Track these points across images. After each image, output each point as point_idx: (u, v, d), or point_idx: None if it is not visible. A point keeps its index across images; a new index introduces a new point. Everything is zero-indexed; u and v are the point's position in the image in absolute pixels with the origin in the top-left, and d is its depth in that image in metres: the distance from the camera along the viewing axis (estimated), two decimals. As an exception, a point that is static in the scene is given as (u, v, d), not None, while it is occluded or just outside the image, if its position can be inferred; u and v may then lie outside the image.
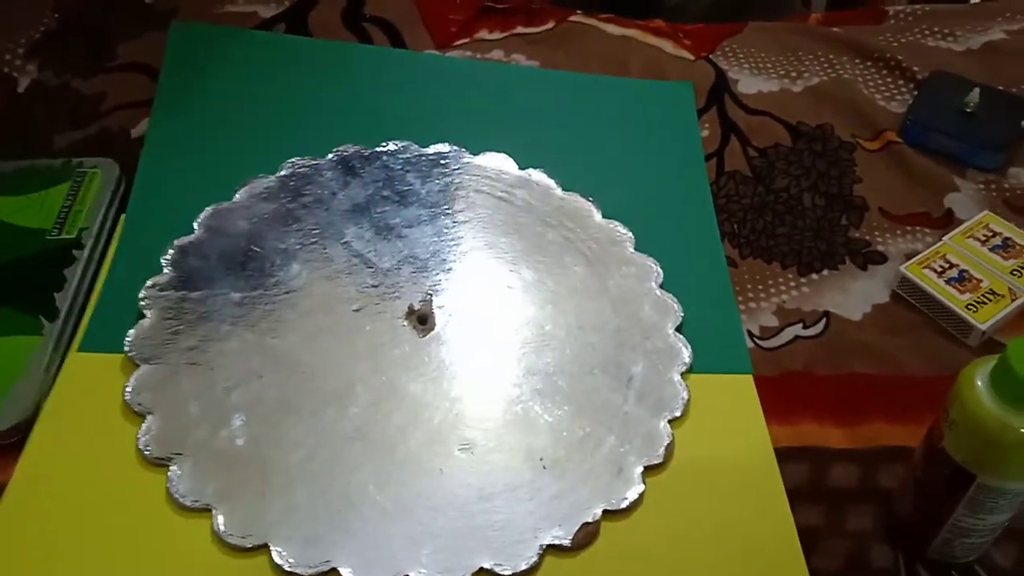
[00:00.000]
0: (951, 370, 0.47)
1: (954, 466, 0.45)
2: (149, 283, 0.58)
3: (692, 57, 0.78)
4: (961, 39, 0.81)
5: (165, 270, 0.59)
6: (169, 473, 0.50)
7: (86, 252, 0.59)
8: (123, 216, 0.62)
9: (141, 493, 0.50)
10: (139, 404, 0.53)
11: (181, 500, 0.49)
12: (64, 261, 0.58)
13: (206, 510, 0.49)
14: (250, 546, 0.48)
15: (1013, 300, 0.60)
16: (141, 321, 0.56)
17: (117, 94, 0.70)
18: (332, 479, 0.51)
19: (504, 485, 0.51)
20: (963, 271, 0.62)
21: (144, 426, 0.52)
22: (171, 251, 0.59)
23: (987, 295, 0.60)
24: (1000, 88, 0.76)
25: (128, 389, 0.53)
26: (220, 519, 0.49)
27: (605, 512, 0.50)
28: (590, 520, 0.50)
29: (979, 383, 0.44)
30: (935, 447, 0.46)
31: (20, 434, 0.52)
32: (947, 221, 0.67)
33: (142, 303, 0.57)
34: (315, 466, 0.51)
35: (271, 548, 0.48)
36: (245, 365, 0.55)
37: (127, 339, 0.55)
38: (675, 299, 0.60)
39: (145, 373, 0.54)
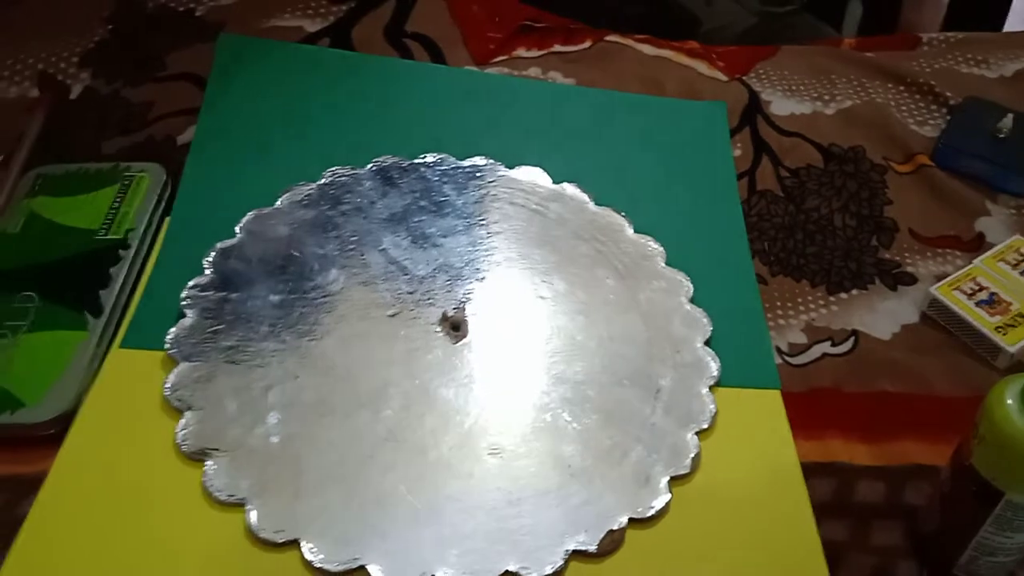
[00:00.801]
0: (980, 391, 0.47)
1: (982, 483, 0.45)
2: (191, 283, 0.59)
3: (726, 78, 0.79)
4: (994, 66, 0.82)
5: (207, 271, 0.60)
6: (205, 468, 0.51)
7: (131, 252, 0.61)
8: (168, 218, 0.64)
9: (177, 487, 0.51)
10: (178, 400, 0.54)
11: (216, 495, 0.50)
12: (110, 260, 0.60)
13: (240, 505, 0.50)
14: (281, 541, 0.49)
15: (1044, 324, 0.60)
16: (182, 320, 0.58)
17: (165, 102, 0.72)
18: (364, 479, 0.52)
19: (532, 491, 0.52)
20: (993, 294, 0.62)
21: (182, 421, 0.53)
22: (213, 253, 0.61)
23: (1017, 318, 0.60)
24: (1033, 115, 0.76)
25: (168, 385, 0.54)
26: (253, 514, 0.50)
27: (631, 520, 0.51)
28: (615, 528, 0.50)
29: (1009, 400, 0.44)
30: (963, 464, 0.46)
31: (61, 426, 0.53)
32: (977, 244, 0.67)
33: (183, 303, 0.58)
34: (348, 466, 0.52)
35: (302, 544, 0.49)
36: (282, 366, 0.56)
37: (168, 337, 0.56)
38: (705, 314, 0.61)
39: (185, 370, 0.55)
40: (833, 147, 0.73)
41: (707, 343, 0.59)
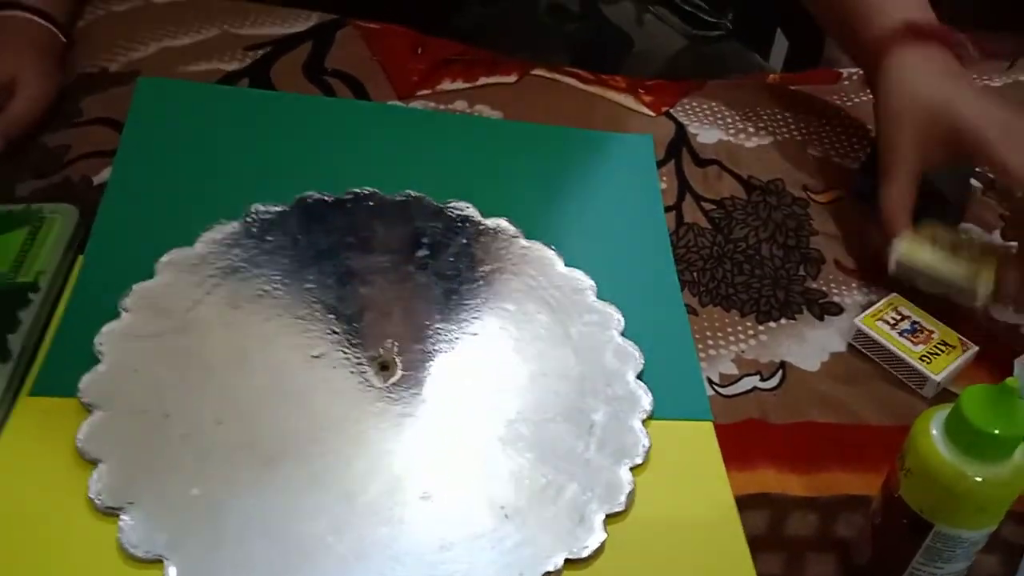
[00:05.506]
0: (907, 420, 0.48)
1: (911, 515, 0.45)
2: (106, 327, 0.57)
3: (652, 113, 0.80)
4: (912, 99, 0.84)
5: (123, 314, 0.58)
6: (120, 523, 0.49)
7: (41, 295, 0.58)
8: (80, 257, 0.61)
9: (91, 543, 0.48)
10: (91, 451, 0.51)
11: (132, 551, 0.48)
12: (19, 303, 0.57)
13: (157, 561, 0.48)
14: (202, 598, 0.47)
15: (964, 351, 0.61)
16: (96, 366, 0.55)
17: (82, 145, 0.69)
18: (288, 528, 0.50)
19: (465, 534, 0.51)
20: (915, 323, 0.63)
21: (96, 473, 0.50)
22: (129, 295, 0.59)
23: (939, 346, 0.61)
24: (949, 146, 0.78)
25: (80, 435, 0.52)
26: (172, 570, 0.47)
27: (567, 561, 0.50)
28: (551, 569, 0.49)
29: (934, 432, 0.45)
30: (892, 496, 0.46)
31: (-34, 479, 0.50)
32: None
33: (98, 347, 0.56)
34: (271, 515, 0.50)
35: (224, 599, 0.47)
36: (202, 412, 0.54)
37: (81, 384, 0.54)
38: (636, 347, 0.60)
39: (98, 419, 0.53)
40: (752, 179, 0.74)
41: (639, 376, 0.59)
